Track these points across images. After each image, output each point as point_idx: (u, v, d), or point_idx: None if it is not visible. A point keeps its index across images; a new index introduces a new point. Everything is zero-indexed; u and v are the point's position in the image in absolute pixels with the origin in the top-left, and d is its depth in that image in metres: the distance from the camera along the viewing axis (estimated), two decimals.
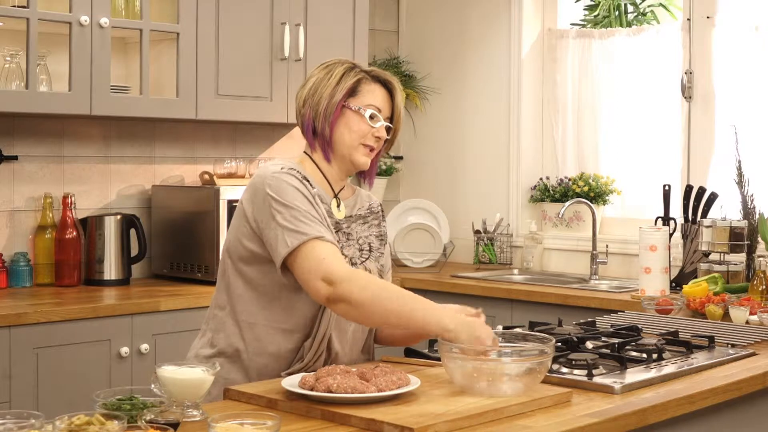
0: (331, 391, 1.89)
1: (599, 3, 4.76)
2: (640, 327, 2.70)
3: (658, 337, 2.60)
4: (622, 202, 4.64)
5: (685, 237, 3.93)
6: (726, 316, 3.04)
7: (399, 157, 5.17)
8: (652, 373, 2.24)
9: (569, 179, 4.67)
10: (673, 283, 3.79)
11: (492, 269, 4.65)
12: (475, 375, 1.96)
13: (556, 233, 4.70)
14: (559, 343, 2.31)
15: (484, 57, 4.92)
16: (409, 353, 2.41)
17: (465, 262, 4.88)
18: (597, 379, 2.14)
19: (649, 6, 4.72)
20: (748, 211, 3.74)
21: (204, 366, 1.91)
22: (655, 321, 2.97)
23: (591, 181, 4.59)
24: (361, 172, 2.40)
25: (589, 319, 2.92)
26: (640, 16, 4.74)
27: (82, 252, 3.89)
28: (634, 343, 2.48)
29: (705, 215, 3.88)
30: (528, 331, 2.34)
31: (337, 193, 2.37)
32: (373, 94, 2.34)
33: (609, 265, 4.38)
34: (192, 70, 3.91)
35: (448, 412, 1.83)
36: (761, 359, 2.49)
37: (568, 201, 4.47)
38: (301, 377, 1.97)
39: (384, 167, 4.94)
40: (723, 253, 3.65)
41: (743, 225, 3.65)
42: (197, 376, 1.87)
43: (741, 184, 3.80)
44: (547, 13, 4.85)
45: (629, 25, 4.70)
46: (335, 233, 2.29)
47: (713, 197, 3.90)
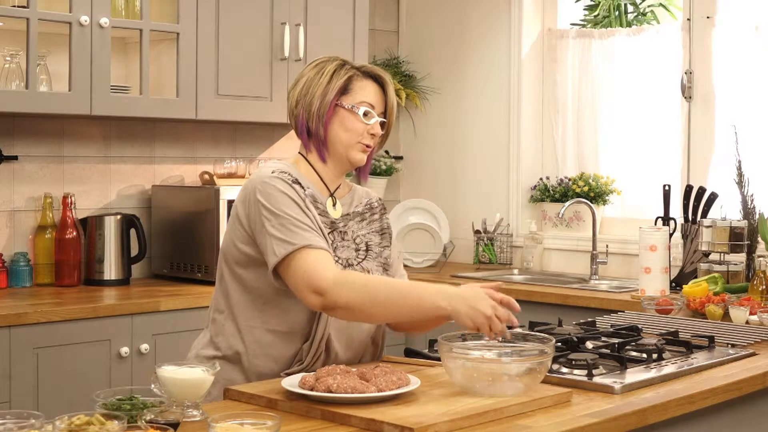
0: (331, 391, 1.89)
1: (599, 3, 4.76)
2: (640, 327, 2.70)
3: (658, 337, 2.60)
4: (622, 202, 4.64)
5: (685, 237, 3.93)
6: (726, 316, 3.04)
7: (399, 157, 5.17)
8: (652, 373, 2.24)
9: (569, 179, 4.67)
10: (673, 283, 3.79)
11: (492, 269, 4.65)
12: (475, 375, 1.96)
13: (556, 233, 4.70)
14: (559, 343, 2.31)
15: (484, 57, 4.92)
16: (409, 353, 2.41)
17: (465, 262, 4.87)
18: (597, 379, 2.14)
19: (649, 6, 4.72)
20: (748, 211, 3.73)
21: (204, 366, 1.91)
22: (655, 321, 2.97)
23: (591, 181, 4.59)
24: (356, 167, 2.38)
25: (589, 319, 2.92)
26: (640, 16, 4.74)
27: (82, 252, 3.89)
28: (634, 343, 2.48)
29: (705, 215, 3.88)
30: (528, 331, 2.34)
31: (333, 192, 2.35)
32: (365, 90, 2.32)
33: (609, 265, 4.38)
34: (192, 70, 3.91)
35: (448, 412, 1.83)
36: (761, 359, 2.49)
37: (568, 201, 4.47)
38: (301, 377, 1.97)
39: (384, 167, 4.93)
40: (723, 253, 3.65)
41: (743, 225, 3.65)
42: (197, 376, 1.87)
43: (741, 184, 3.79)
44: (547, 13, 4.85)
45: (629, 25, 4.70)
46: (331, 233, 2.29)
47: (713, 197, 3.90)
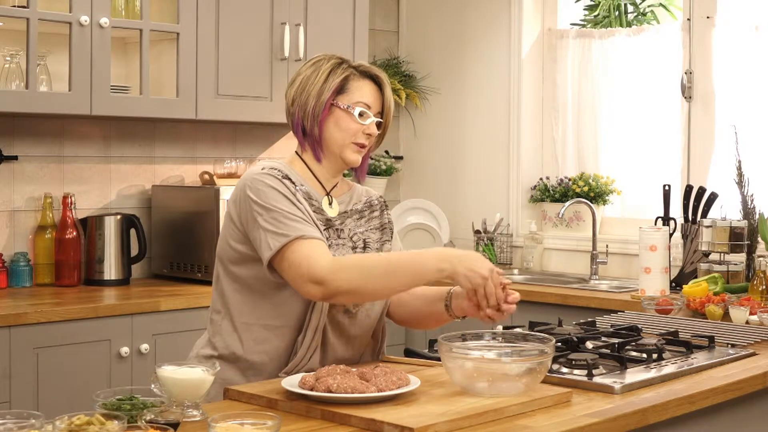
0: (331, 391, 1.88)
1: (599, 3, 4.76)
2: (640, 327, 2.69)
3: (658, 337, 2.60)
4: (622, 202, 4.64)
5: (685, 237, 3.93)
6: (726, 316, 3.04)
7: (399, 157, 5.17)
8: (652, 373, 2.23)
9: (569, 179, 4.67)
10: (673, 283, 3.79)
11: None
12: (475, 375, 1.96)
13: (556, 233, 4.70)
14: (559, 343, 2.31)
15: (484, 57, 4.91)
16: (409, 353, 2.41)
17: None
18: (597, 379, 2.14)
19: (649, 6, 4.72)
20: (748, 211, 3.74)
21: (204, 366, 1.91)
22: (655, 321, 2.97)
23: (591, 181, 4.59)
24: (353, 167, 2.38)
25: (589, 319, 2.92)
26: (640, 16, 4.74)
27: (82, 252, 3.89)
28: (634, 343, 2.47)
29: (705, 215, 3.88)
30: (528, 331, 2.34)
31: (330, 191, 2.35)
32: (361, 90, 2.30)
33: (609, 265, 4.38)
34: (192, 70, 3.91)
35: (448, 412, 1.83)
36: (761, 359, 2.48)
37: (568, 201, 4.47)
38: (301, 377, 1.97)
39: (384, 167, 4.93)
40: (723, 253, 3.65)
41: (743, 225, 3.65)
42: (197, 376, 1.87)
43: (741, 184, 3.80)
44: (547, 13, 4.85)
45: (629, 25, 4.70)
46: (326, 230, 2.28)
47: (713, 197, 3.90)
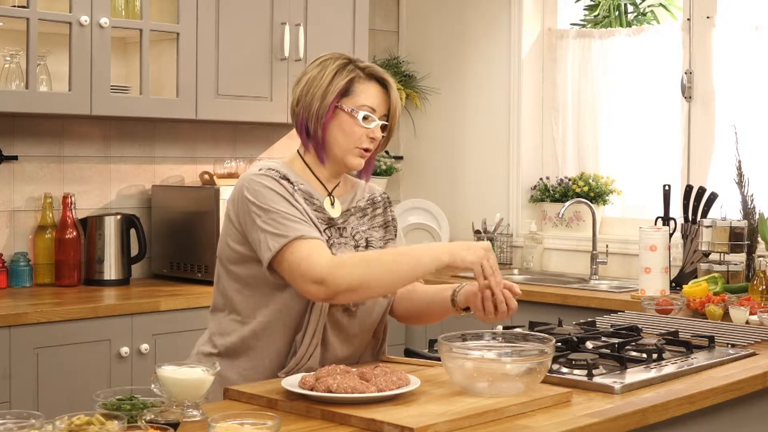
0: (331, 391, 1.88)
1: (599, 3, 4.76)
2: (640, 327, 2.69)
3: (658, 337, 2.60)
4: (622, 202, 4.64)
5: (685, 237, 3.93)
6: (726, 316, 3.04)
7: (399, 157, 5.17)
8: (652, 373, 2.23)
9: (569, 179, 4.67)
10: (673, 283, 3.79)
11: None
12: (475, 375, 1.96)
13: (556, 233, 4.70)
14: (559, 343, 2.31)
15: (484, 57, 4.91)
16: (409, 353, 2.41)
17: None
18: (597, 379, 2.14)
19: (649, 6, 4.72)
20: (748, 211, 3.73)
21: (204, 366, 1.91)
22: (655, 321, 2.97)
23: (591, 181, 4.59)
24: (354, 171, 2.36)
25: (589, 319, 2.92)
26: (640, 16, 4.74)
27: (82, 252, 3.89)
28: (634, 343, 2.47)
29: (705, 215, 3.88)
30: (528, 331, 2.34)
31: (331, 191, 2.34)
32: (366, 93, 2.27)
33: (609, 265, 4.38)
34: (192, 70, 3.91)
35: (448, 412, 1.83)
36: (761, 359, 2.48)
37: (568, 201, 4.47)
38: (301, 377, 1.97)
39: (384, 167, 4.93)
40: (723, 253, 3.65)
41: (743, 225, 3.65)
42: (197, 376, 1.87)
43: (741, 184, 3.79)
44: (547, 13, 4.85)
45: (629, 25, 4.70)
46: (328, 228, 2.28)
47: (713, 197, 3.90)
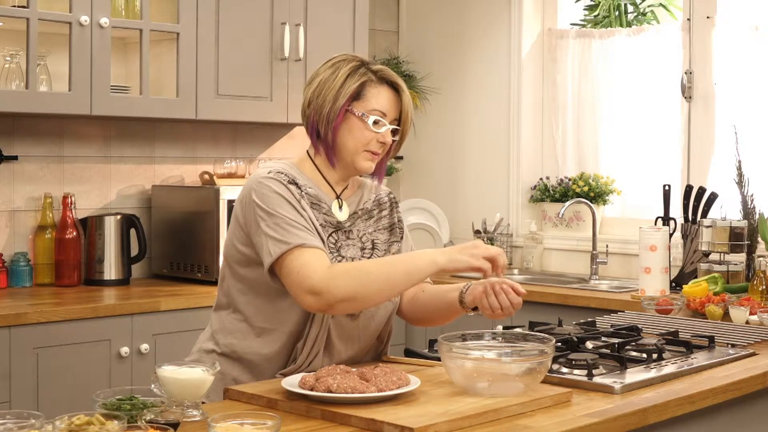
0: (331, 391, 1.88)
1: (599, 3, 4.76)
2: (640, 327, 2.69)
3: (658, 337, 2.60)
4: (622, 202, 4.64)
5: (685, 237, 3.93)
6: (726, 316, 3.04)
7: (399, 157, 5.17)
8: (652, 373, 2.23)
9: (569, 179, 4.67)
10: (673, 283, 3.79)
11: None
12: (475, 375, 1.96)
13: (556, 233, 4.70)
14: (559, 343, 2.31)
15: (484, 57, 4.91)
16: (409, 353, 2.41)
17: None
18: (597, 379, 2.14)
19: (649, 6, 4.72)
20: (748, 211, 3.73)
21: (204, 366, 1.91)
22: (655, 321, 2.97)
23: (591, 181, 4.59)
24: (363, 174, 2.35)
25: (589, 319, 2.92)
26: (640, 16, 4.74)
27: (82, 252, 3.89)
28: (634, 343, 2.47)
29: (705, 215, 3.88)
30: (528, 331, 2.34)
31: (340, 193, 2.33)
32: (378, 97, 2.26)
33: (609, 265, 4.38)
34: (192, 70, 3.91)
35: (448, 412, 1.83)
36: (761, 359, 2.48)
37: (568, 201, 4.47)
38: (301, 377, 1.97)
39: None
40: (723, 253, 3.65)
41: (743, 225, 3.65)
42: (197, 376, 1.88)
43: (741, 184, 3.79)
44: (547, 13, 4.85)
45: (629, 25, 4.70)
46: (335, 232, 2.28)
47: (713, 197, 3.90)
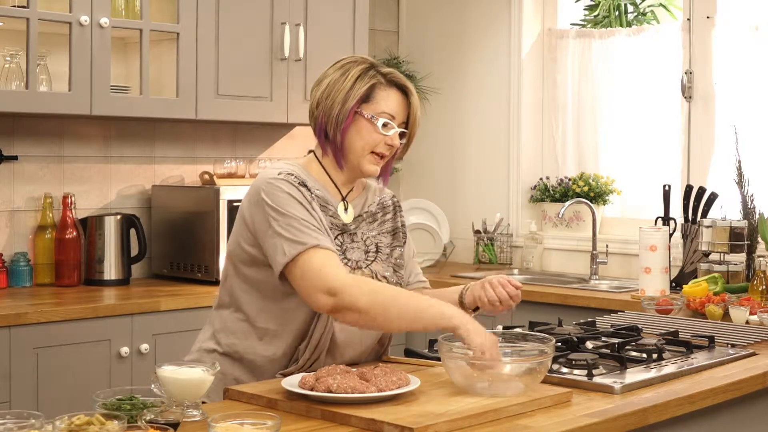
0: (331, 391, 1.88)
1: (599, 3, 4.76)
2: (640, 327, 2.69)
3: (658, 337, 2.60)
4: (622, 202, 4.64)
5: (685, 237, 3.93)
6: (726, 316, 3.04)
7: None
8: (652, 373, 2.24)
9: (569, 179, 4.67)
10: (673, 283, 3.79)
11: (492, 269, 4.64)
12: (475, 375, 1.96)
13: (556, 233, 4.70)
14: (559, 343, 2.31)
15: (484, 57, 4.91)
16: (409, 353, 2.41)
17: (465, 262, 4.87)
18: (597, 379, 2.14)
19: (649, 6, 4.72)
20: (748, 211, 3.73)
21: (204, 366, 1.91)
22: (655, 321, 2.97)
23: (591, 181, 4.59)
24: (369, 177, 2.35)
25: (589, 319, 2.92)
26: (640, 16, 4.74)
27: (82, 252, 3.89)
28: (634, 343, 2.48)
29: (705, 215, 3.88)
30: (528, 331, 2.34)
31: (345, 195, 2.33)
32: (387, 100, 2.27)
33: (609, 265, 4.38)
34: (192, 70, 3.91)
35: (448, 412, 1.83)
36: (761, 359, 2.49)
37: (568, 201, 4.47)
38: (301, 377, 1.97)
39: None
40: (723, 253, 3.65)
41: (743, 225, 3.65)
42: (197, 376, 1.88)
43: (741, 184, 3.79)
44: (547, 13, 4.85)
45: (629, 25, 4.70)
46: (341, 234, 2.27)
47: (713, 197, 3.90)
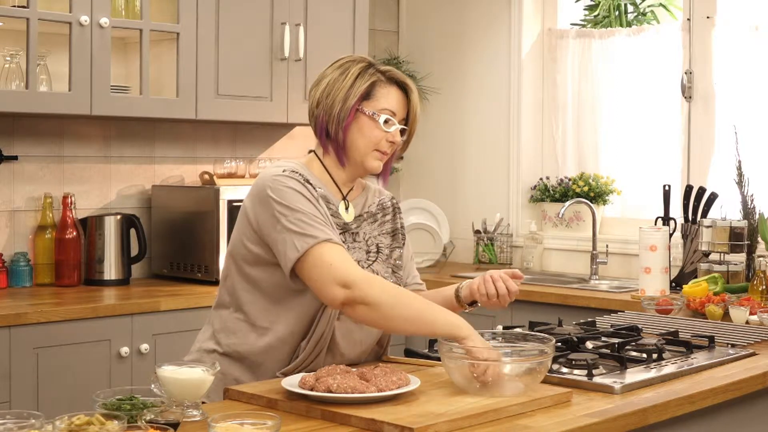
0: (331, 391, 1.88)
1: (599, 3, 4.76)
2: (640, 327, 2.69)
3: (658, 337, 2.60)
4: (622, 202, 4.64)
5: (685, 237, 3.93)
6: (726, 316, 3.04)
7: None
8: (652, 373, 2.24)
9: (569, 179, 4.67)
10: (673, 283, 3.79)
11: (492, 269, 4.63)
12: (476, 375, 1.96)
13: (556, 233, 4.70)
14: (559, 343, 2.31)
15: (484, 57, 4.91)
16: (409, 353, 2.41)
17: (465, 262, 4.87)
18: (597, 379, 2.14)
19: (649, 6, 4.72)
20: (748, 211, 3.73)
21: (204, 366, 1.91)
22: (655, 321, 2.97)
23: (591, 181, 4.59)
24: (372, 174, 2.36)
25: (589, 319, 2.92)
26: (640, 16, 4.74)
27: (82, 252, 3.89)
28: (634, 343, 2.48)
29: (705, 215, 3.88)
30: (528, 331, 2.34)
31: (346, 194, 2.33)
32: (387, 97, 2.28)
33: (609, 265, 4.38)
34: (192, 70, 3.91)
35: (448, 412, 1.83)
36: (761, 359, 2.49)
37: (568, 201, 4.47)
38: (301, 377, 1.97)
39: None
40: (723, 253, 3.65)
41: (743, 225, 3.65)
42: (197, 376, 1.88)
43: (741, 184, 3.79)
44: (547, 13, 4.85)
45: (629, 25, 4.70)
46: (342, 234, 2.27)
47: (713, 197, 3.90)
